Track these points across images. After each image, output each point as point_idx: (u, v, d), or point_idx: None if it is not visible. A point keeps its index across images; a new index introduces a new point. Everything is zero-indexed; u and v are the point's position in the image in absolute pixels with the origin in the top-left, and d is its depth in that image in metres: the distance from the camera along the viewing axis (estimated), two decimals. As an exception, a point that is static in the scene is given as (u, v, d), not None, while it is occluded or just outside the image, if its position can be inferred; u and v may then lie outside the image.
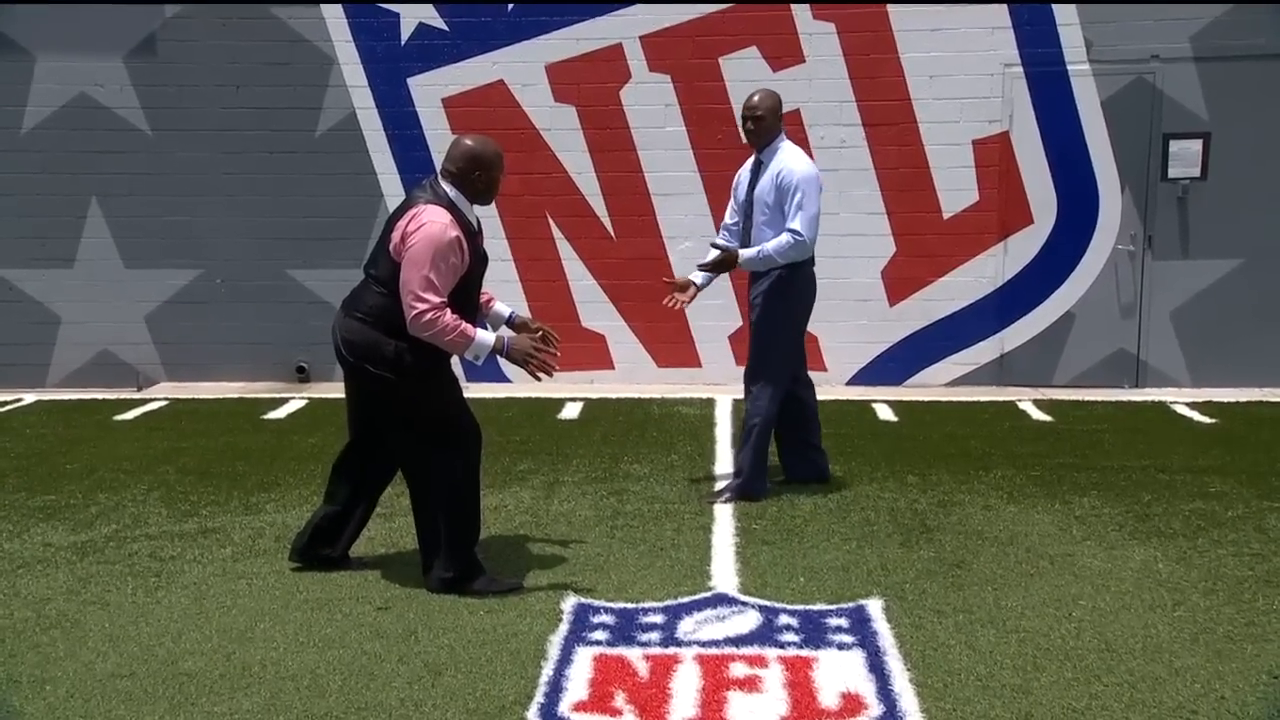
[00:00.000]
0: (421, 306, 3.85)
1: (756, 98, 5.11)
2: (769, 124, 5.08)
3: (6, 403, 7.57)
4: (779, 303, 5.08)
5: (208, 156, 7.93)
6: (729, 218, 5.36)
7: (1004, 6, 7.58)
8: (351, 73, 7.84)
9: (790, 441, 5.41)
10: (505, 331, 4.28)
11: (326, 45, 7.80)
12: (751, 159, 5.22)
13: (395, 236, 3.95)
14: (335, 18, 7.78)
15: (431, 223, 3.88)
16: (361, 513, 4.37)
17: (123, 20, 7.77)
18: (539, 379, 4.20)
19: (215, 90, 7.82)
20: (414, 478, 4.15)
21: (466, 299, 4.05)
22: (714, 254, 5.21)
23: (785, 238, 4.95)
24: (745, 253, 5.03)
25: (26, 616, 3.88)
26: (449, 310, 3.89)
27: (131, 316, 8.09)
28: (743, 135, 5.23)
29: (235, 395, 7.76)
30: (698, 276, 5.25)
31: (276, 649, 3.60)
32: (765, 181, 5.06)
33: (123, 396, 7.75)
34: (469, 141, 4.07)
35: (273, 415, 7.12)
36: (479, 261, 4.10)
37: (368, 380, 4.05)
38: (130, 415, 7.17)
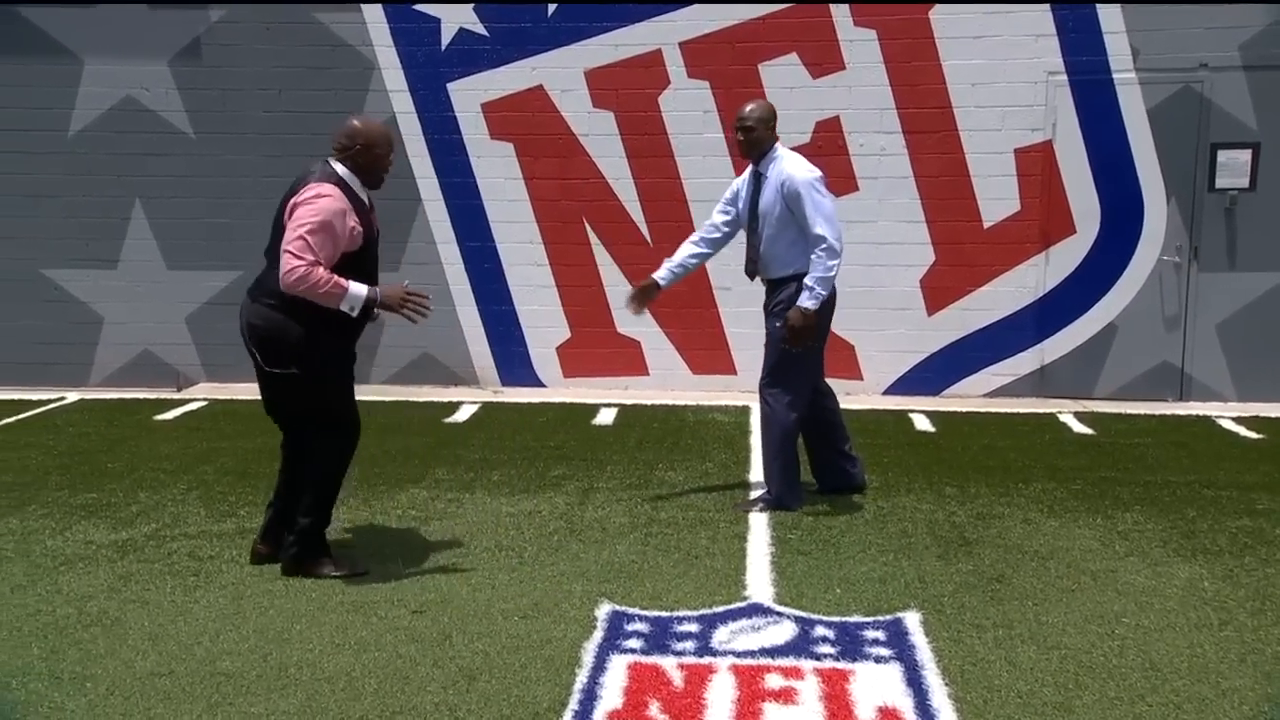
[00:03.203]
0: (294, 263, 3.97)
1: (747, 108, 5.04)
2: (760, 135, 5.00)
3: (50, 401, 7.68)
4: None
5: (249, 159, 8.00)
6: (715, 220, 5.26)
7: (1049, 13, 7.49)
8: (392, 77, 7.89)
9: (819, 453, 5.36)
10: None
11: (367, 50, 7.86)
12: (749, 170, 5.15)
13: (287, 213, 4.10)
14: (376, 22, 7.84)
15: (318, 195, 4.04)
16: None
17: (168, 25, 7.87)
18: (415, 321, 4.36)
19: (258, 94, 7.90)
20: (309, 457, 4.28)
21: (362, 274, 4.15)
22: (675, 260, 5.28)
23: (817, 255, 4.87)
24: (806, 301, 4.88)
25: (68, 613, 3.93)
26: (320, 266, 3.99)
27: (172, 317, 8.19)
28: (738, 147, 5.15)
29: (273, 396, 7.80)
30: (661, 277, 5.28)
31: (313, 651, 3.61)
32: (768, 194, 4.99)
33: (163, 396, 7.84)
34: (353, 120, 4.25)
35: (310, 417, 7.17)
36: (372, 238, 4.23)
37: (268, 365, 4.16)
38: (170, 415, 7.25)
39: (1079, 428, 6.96)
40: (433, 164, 7.97)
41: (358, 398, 4.42)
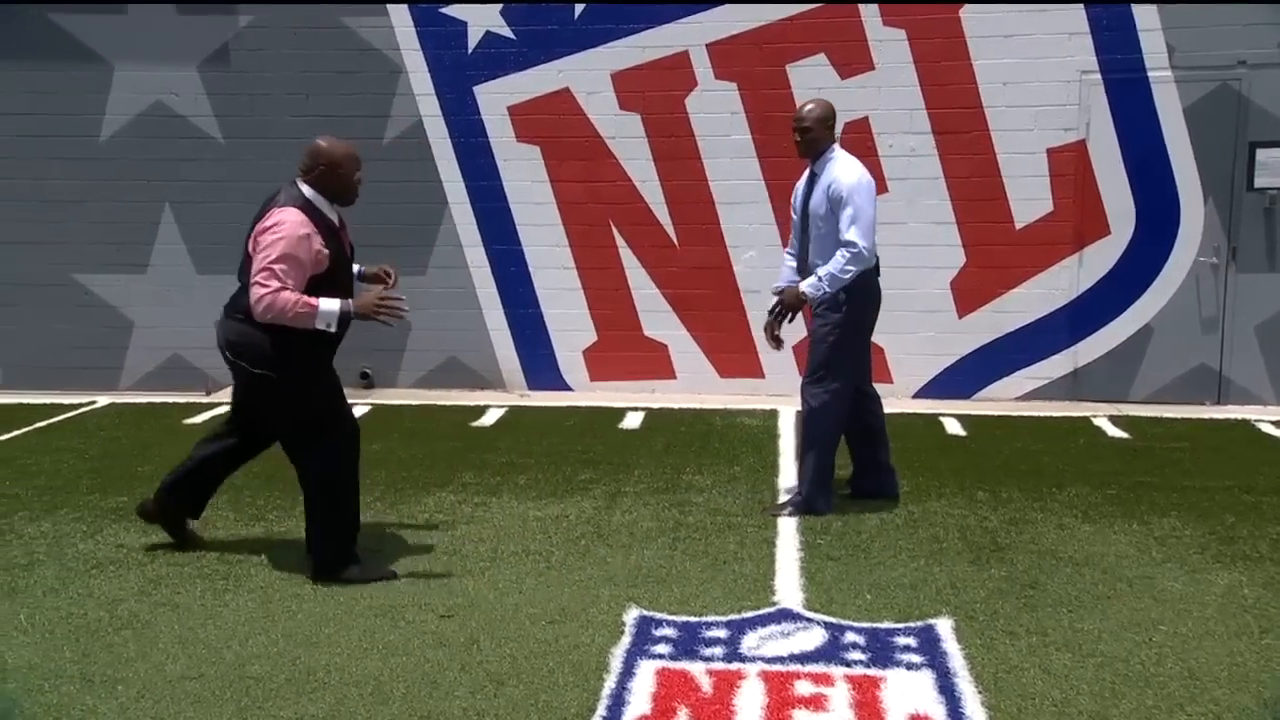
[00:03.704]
0: (260, 291, 4.03)
1: (805, 108, 5.02)
2: (816, 135, 4.98)
3: (81, 405, 7.74)
4: (841, 314, 4.97)
5: (278, 164, 8.00)
6: (795, 226, 5.28)
7: (1082, 12, 7.40)
8: (419, 81, 7.91)
9: (858, 456, 5.31)
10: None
11: (395, 54, 7.88)
12: (807, 171, 5.14)
13: (252, 241, 4.15)
14: (404, 26, 7.86)
15: (279, 223, 4.08)
16: (211, 482, 4.64)
17: (198, 30, 7.93)
18: (391, 325, 4.42)
19: (286, 99, 7.94)
20: (303, 472, 4.32)
21: (335, 291, 4.19)
22: (786, 275, 5.18)
23: (841, 254, 4.84)
24: (806, 285, 4.92)
25: (100, 616, 3.95)
26: (286, 290, 4.03)
27: (202, 322, 8.20)
28: (795, 147, 5.13)
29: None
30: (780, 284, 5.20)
31: (341, 655, 3.61)
32: (818, 194, 4.98)
33: (192, 400, 7.89)
34: (319, 140, 4.30)
35: (338, 420, 7.19)
36: (342, 257, 4.29)
37: (250, 378, 4.22)
38: (199, 419, 7.29)
39: (1114, 432, 6.86)
40: (459, 167, 7.98)
41: (387, 401, 4.43)
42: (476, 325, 8.09)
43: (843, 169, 4.93)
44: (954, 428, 6.97)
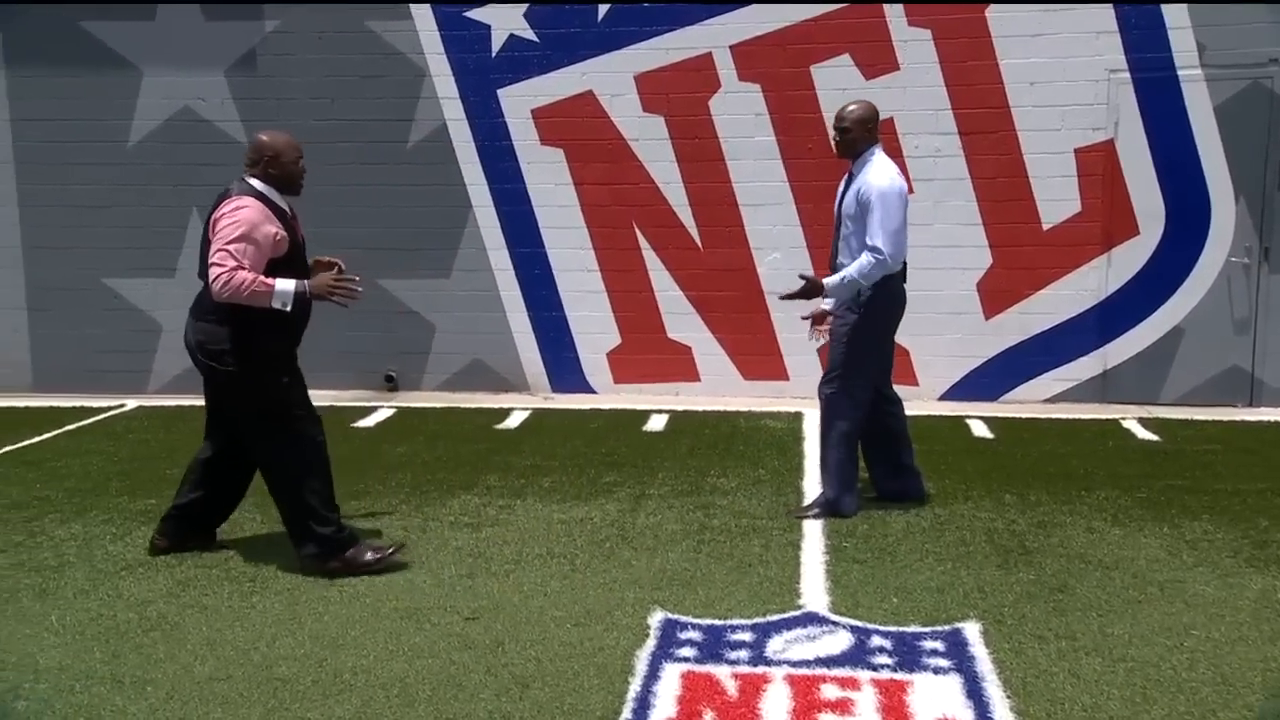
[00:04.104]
0: (217, 270, 4.16)
1: (847, 108, 5.01)
2: (856, 136, 4.96)
3: (110, 408, 7.82)
4: (861, 318, 4.96)
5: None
6: None
7: (1110, 10, 7.33)
8: (443, 84, 7.93)
9: (881, 460, 5.28)
10: None
11: (419, 58, 7.92)
12: (848, 171, 5.13)
13: (210, 230, 4.27)
14: (428, 30, 7.89)
15: (236, 208, 4.24)
16: (223, 505, 4.73)
17: (225, 36, 7.99)
18: (346, 305, 4.52)
19: (311, 103, 7.98)
20: (267, 469, 4.44)
21: (292, 275, 4.30)
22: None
23: (866, 258, 4.83)
24: (830, 281, 4.90)
25: (129, 618, 3.98)
26: (243, 269, 4.15)
27: (229, 324, 8.29)
28: (833, 146, 5.13)
29: (325, 403, 7.83)
30: (827, 303, 5.17)
31: (367, 657, 3.62)
32: (850, 196, 4.97)
33: (220, 402, 7.94)
34: (260, 135, 4.46)
35: (362, 424, 7.22)
36: (297, 243, 4.42)
37: (220, 376, 4.34)
38: (227, 421, 7.34)
39: (1144, 434, 6.78)
40: (483, 170, 8.00)
41: (413, 404, 4.47)
42: (500, 328, 8.11)
43: (876, 173, 4.91)
44: (980, 430, 6.91)
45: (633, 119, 7.83)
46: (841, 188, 5.12)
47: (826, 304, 5.17)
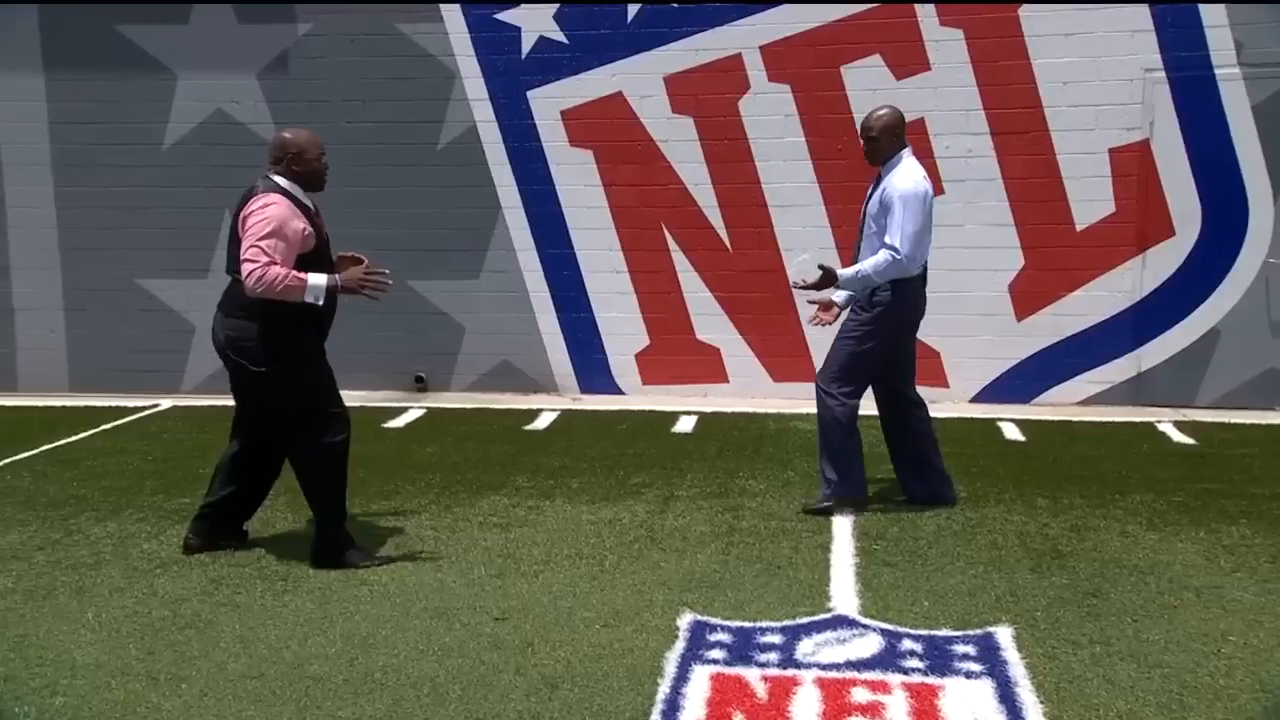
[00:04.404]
0: (250, 266, 4.20)
1: (875, 115, 5.02)
2: (884, 144, 4.98)
3: (145, 408, 7.91)
4: (870, 320, 4.97)
5: (334, 170, 8.09)
6: None
7: (1145, 8, 7.25)
8: (473, 86, 7.97)
9: (908, 464, 5.26)
10: None
11: (449, 60, 7.95)
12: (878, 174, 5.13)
13: (240, 227, 4.30)
14: (458, 32, 7.92)
15: (265, 205, 4.28)
16: (252, 500, 4.77)
17: (258, 39, 8.07)
18: (376, 298, 4.57)
19: (342, 105, 8.04)
20: (296, 460, 4.51)
21: (320, 269, 4.36)
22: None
23: (883, 255, 4.84)
24: (844, 272, 4.92)
25: (164, 615, 4.02)
26: (275, 264, 4.20)
27: (261, 325, 8.37)
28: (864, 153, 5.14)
29: (355, 404, 7.86)
30: (838, 295, 5.17)
31: (398, 656, 3.64)
32: (875, 198, 4.99)
33: (252, 402, 8.01)
34: (283, 132, 4.51)
35: (392, 424, 7.26)
36: (322, 239, 4.46)
37: (249, 373, 4.37)
38: (259, 420, 7.40)
39: (1179, 437, 6.70)
40: (512, 172, 8.02)
41: (442, 405, 4.49)
42: (529, 329, 8.13)
43: (901, 176, 4.91)
44: (1012, 433, 6.85)
45: (662, 120, 7.83)
46: (870, 190, 5.12)
47: (837, 296, 5.18)
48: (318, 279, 4.27)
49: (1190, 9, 7.19)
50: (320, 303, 4.30)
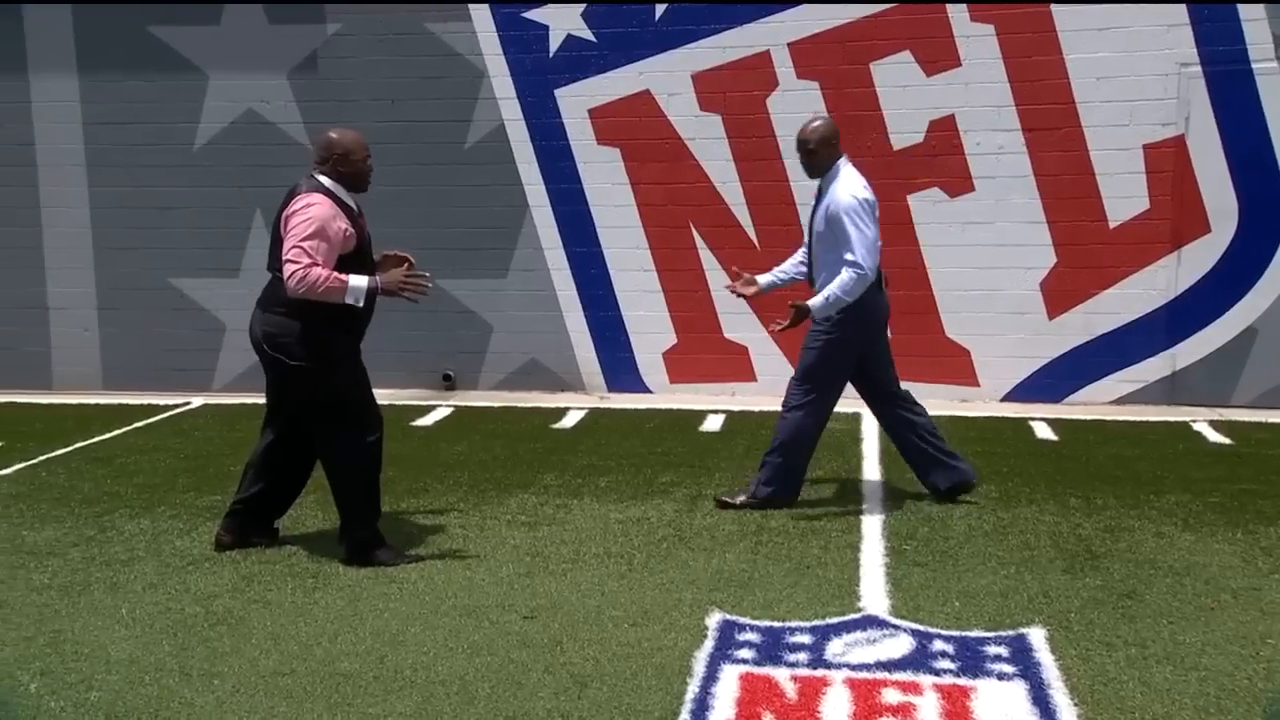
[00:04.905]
0: (292, 267, 4.22)
1: (808, 130, 5.05)
2: (821, 157, 5.02)
3: (177, 406, 7.98)
4: (832, 331, 4.99)
5: (364, 169, 8.18)
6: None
7: (1181, 3, 7.14)
8: (501, 85, 7.98)
9: (923, 455, 5.23)
10: None
11: (477, 59, 7.97)
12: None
13: (282, 226, 4.31)
14: (486, 31, 7.94)
15: (308, 204, 4.30)
16: (284, 497, 4.79)
17: (288, 39, 8.12)
18: (416, 301, 4.58)
19: (371, 104, 8.08)
20: (327, 458, 4.52)
21: (361, 271, 4.38)
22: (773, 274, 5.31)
23: (846, 274, 4.83)
24: (815, 303, 4.90)
25: (196, 612, 4.05)
26: (318, 265, 4.22)
27: (291, 323, 8.42)
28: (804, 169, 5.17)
29: (384, 402, 7.88)
30: (764, 279, 5.27)
31: (427, 654, 3.65)
32: (819, 211, 5.01)
33: (282, 400, 8.07)
34: (329, 132, 4.51)
35: (420, 422, 7.29)
36: (364, 240, 4.49)
37: (286, 369, 4.38)
38: (289, 418, 7.45)
39: (1215, 437, 6.61)
40: (540, 170, 8.03)
41: (470, 403, 4.49)
42: (557, 327, 8.14)
43: (842, 188, 4.93)
44: (1044, 432, 6.78)
45: (690, 118, 7.81)
46: (814, 204, 5.14)
47: (763, 280, 5.31)
48: (358, 281, 4.29)
49: (1226, 4, 7.08)
50: (360, 304, 4.32)
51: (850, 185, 4.93)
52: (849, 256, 4.83)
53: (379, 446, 4.55)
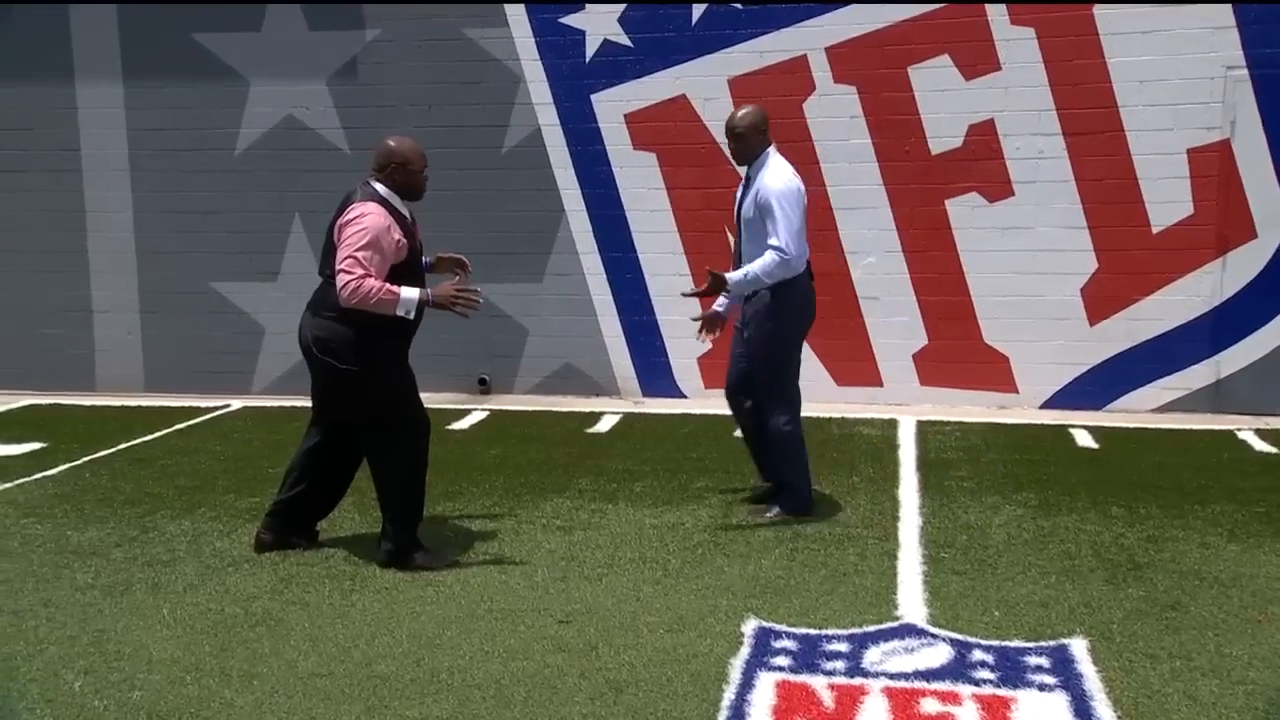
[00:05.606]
0: (346, 278, 4.22)
1: (737, 117, 5.03)
2: (751, 142, 4.99)
3: (216, 408, 8.07)
4: (770, 324, 4.97)
5: (402, 174, 8.24)
6: None
7: (1228, 6, 7.02)
8: (537, 90, 8.00)
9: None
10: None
11: (514, 64, 8.00)
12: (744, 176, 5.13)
13: (336, 234, 4.31)
14: (523, 36, 7.97)
15: (362, 215, 4.29)
16: (325, 500, 4.82)
17: (328, 45, 8.19)
18: (466, 315, 4.54)
19: (410, 110, 8.12)
20: (375, 463, 4.55)
21: (412, 282, 4.40)
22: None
23: (770, 256, 4.82)
24: (733, 276, 4.90)
25: (235, 613, 4.09)
26: (370, 277, 4.22)
27: (329, 327, 8.49)
28: (727, 153, 5.14)
29: (422, 404, 8.02)
30: (720, 305, 5.24)
31: (463, 657, 3.66)
32: (748, 200, 4.98)
33: (320, 403, 8.13)
34: (389, 140, 4.52)
35: (456, 426, 7.32)
36: (416, 249, 4.50)
37: (334, 373, 4.38)
38: (327, 421, 7.51)
39: (1261, 446, 6.49)
40: (576, 175, 8.04)
41: (505, 408, 4.51)
42: (592, 332, 8.14)
43: (771, 175, 4.90)
44: (1085, 440, 6.69)
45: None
46: (739, 193, 5.12)
47: (719, 306, 5.24)
48: (410, 294, 4.30)
49: (1274, 6, 6.96)
50: (411, 316, 4.34)
51: (780, 173, 4.92)
52: (773, 241, 4.82)
53: (425, 452, 4.57)
